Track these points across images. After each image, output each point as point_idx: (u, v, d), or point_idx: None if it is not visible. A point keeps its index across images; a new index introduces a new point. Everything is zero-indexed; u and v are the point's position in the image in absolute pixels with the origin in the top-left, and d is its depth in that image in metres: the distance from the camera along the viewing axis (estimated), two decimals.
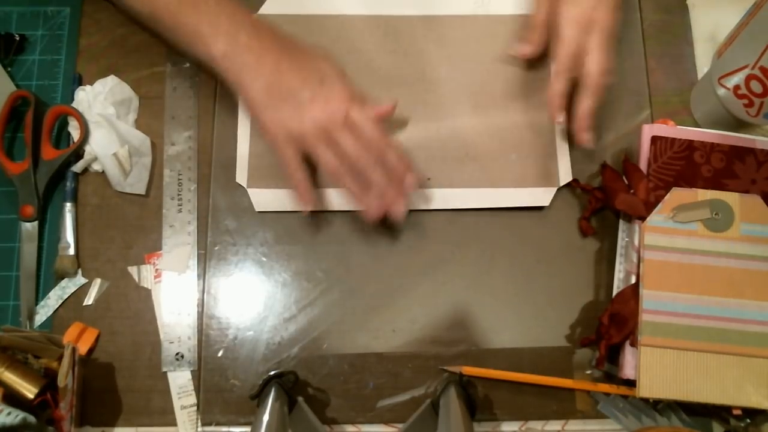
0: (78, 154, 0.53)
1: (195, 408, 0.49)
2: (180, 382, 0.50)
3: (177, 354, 0.50)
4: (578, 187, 0.53)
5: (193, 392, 0.49)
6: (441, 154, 0.54)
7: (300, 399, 0.47)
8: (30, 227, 0.52)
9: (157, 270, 0.52)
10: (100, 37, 0.57)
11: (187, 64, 0.56)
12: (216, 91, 0.55)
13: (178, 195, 0.53)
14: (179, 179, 0.54)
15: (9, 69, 0.56)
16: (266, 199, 0.53)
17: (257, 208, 0.52)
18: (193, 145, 0.54)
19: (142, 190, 0.53)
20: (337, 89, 0.47)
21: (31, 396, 0.44)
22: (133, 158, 0.53)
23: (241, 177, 0.53)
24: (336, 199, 0.53)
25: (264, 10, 0.57)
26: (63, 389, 0.43)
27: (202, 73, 0.56)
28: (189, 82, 0.56)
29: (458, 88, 0.55)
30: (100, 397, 0.49)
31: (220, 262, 0.52)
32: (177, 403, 0.49)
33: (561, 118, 0.51)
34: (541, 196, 0.53)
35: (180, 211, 0.53)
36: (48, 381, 0.45)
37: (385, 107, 0.50)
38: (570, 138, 0.54)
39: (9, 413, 0.42)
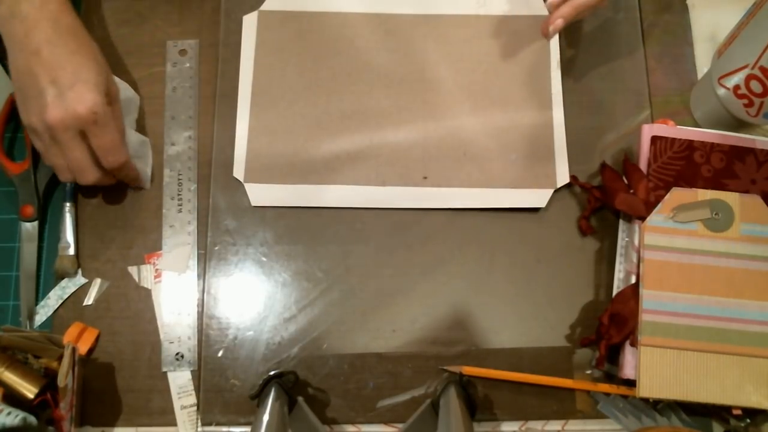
0: None
1: (195, 408, 0.49)
2: (180, 382, 0.50)
3: (177, 354, 0.50)
4: (577, 184, 0.53)
5: (193, 392, 0.49)
6: (439, 153, 0.54)
7: (300, 399, 0.47)
8: (30, 227, 0.52)
9: (157, 270, 0.52)
10: (100, 36, 0.57)
11: (188, 64, 0.56)
12: (216, 91, 0.55)
13: (178, 195, 0.53)
14: (179, 179, 0.54)
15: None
16: (263, 193, 0.53)
17: (254, 203, 0.52)
18: (193, 145, 0.54)
19: (146, 185, 0.53)
20: (84, 99, 0.44)
21: (31, 396, 0.44)
22: (134, 159, 0.53)
23: (239, 172, 0.53)
24: (336, 197, 0.53)
25: (266, 6, 0.57)
26: (63, 389, 0.43)
27: (202, 73, 0.56)
28: (189, 82, 0.56)
29: (458, 87, 0.55)
30: (100, 397, 0.49)
31: (220, 262, 0.52)
32: (177, 403, 0.49)
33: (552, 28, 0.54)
34: (538, 198, 0.53)
35: (180, 211, 0.53)
36: (48, 381, 0.45)
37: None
38: (569, 139, 0.54)
39: (9, 413, 0.42)
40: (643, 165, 0.51)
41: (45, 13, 0.46)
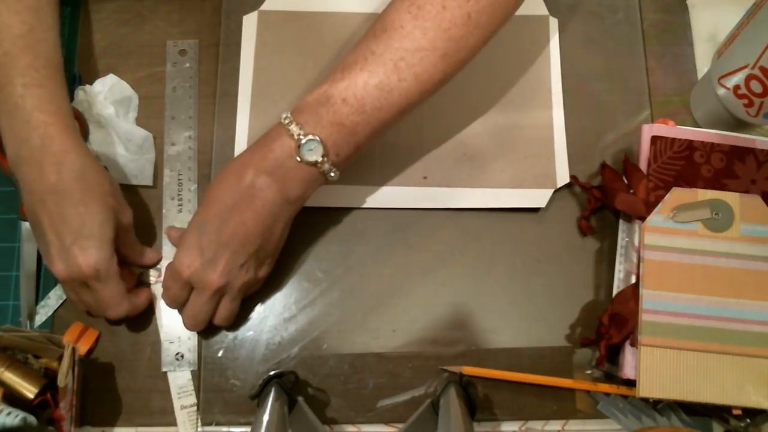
0: None
1: (195, 408, 0.49)
2: (180, 382, 0.50)
3: (177, 354, 0.50)
4: (577, 184, 0.53)
5: (193, 392, 0.49)
6: (439, 153, 0.54)
7: (300, 399, 0.47)
8: (30, 227, 0.52)
9: (157, 270, 0.52)
10: (100, 37, 0.57)
11: (188, 64, 0.56)
12: (216, 91, 0.55)
13: (179, 195, 0.53)
14: (179, 179, 0.54)
15: None
16: None
17: None
18: (193, 145, 0.54)
19: (149, 181, 0.53)
20: (87, 256, 0.44)
21: (31, 396, 0.44)
22: (137, 155, 0.53)
23: None
24: (336, 197, 0.53)
25: (266, 6, 0.57)
26: (63, 389, 0.43)
27: (202, 73, 0.56)
28: (189, 82, 0.56)
29: (457, 87, 0.55)
30: (100, 397, 0.49)
31: None
32: (177, 403, 0.49)
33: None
34: (538, 198, 0.53)
35: (180, 211, 0.53)
36: (48, 381, 0.45)
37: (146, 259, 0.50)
38: (569, 139, 0.54)
39: (9, 413, 0.42)
40: (643, 165, 0.51)
41: (48, 156, 0.44)
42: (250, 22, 0.57)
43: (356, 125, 0.43)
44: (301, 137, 0.42)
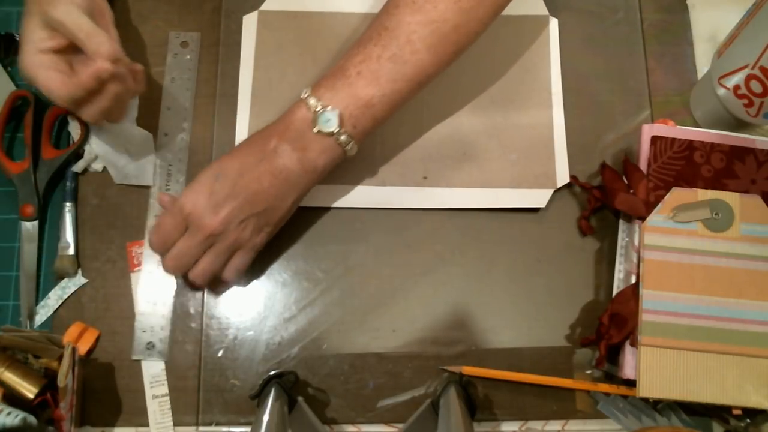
0: (78, 153, 0.53)
1: (167, 398, 0.49)
2: (153, 371, 0.50)
3: (148, 343, 0.50)
4: (577, 184, 0.53)
5: (166, 382, 0.49)
6: (439, 153, 0.54)
7: (300, 399, 0.47)
8: (30, 227, 0.52)
9: (138, 259, 0.51)
10: None
11: (188, 56, 0.56)
12: (216, 91, 0.55)
13: (167, 186, 0.53)
14: (169, 170, 0.53)
15: (9, 69, 0.56)
16: None
17: None
18: (185, 137, 0.54)
19: (149, 182, 0.53)
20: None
21: (31, 396, 0.44)
22: (137, 156, 0.53)
23: None
24: (336, 197, 0.53)
25: (266, 6, 0.57)
26: (63, 389, 0.44)
27: (202, 73, 0.56)
28: (188, 74, 0.56)
29: (457, 87, 0.55)
30: (100, 397, 0.49)
31: None
32: (149, 392, 0.49)
33: None
34: (538, 198, 0.53)
35: None
36: (48, 381, 0.45)
37: None
38: (569, 139, 0.54)
39: (9, 413, 0.42)
40: (643, 165, 0.51)
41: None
42: (250, 22, 0.57)
43: (372, 97, 0.45)
44: (318, 109, 0.45)
